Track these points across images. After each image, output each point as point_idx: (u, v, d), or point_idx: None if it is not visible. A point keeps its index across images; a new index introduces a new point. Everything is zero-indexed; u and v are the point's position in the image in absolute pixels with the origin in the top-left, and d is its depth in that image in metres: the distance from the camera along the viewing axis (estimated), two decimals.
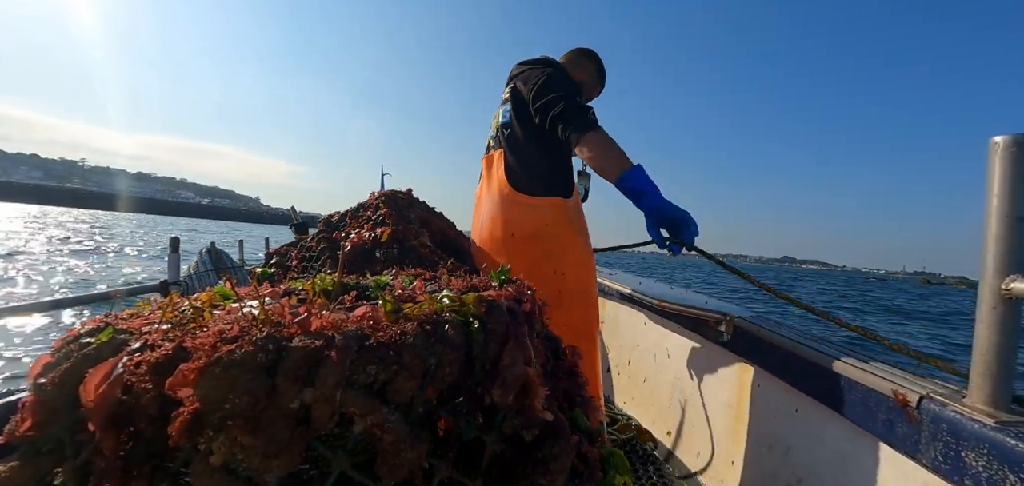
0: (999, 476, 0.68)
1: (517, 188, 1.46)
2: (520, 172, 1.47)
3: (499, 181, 1.50)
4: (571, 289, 1.43)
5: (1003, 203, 0.72)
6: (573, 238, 1.47)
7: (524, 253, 1.42)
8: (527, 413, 0.50)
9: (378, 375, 0.43)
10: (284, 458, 0.39)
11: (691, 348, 1.74)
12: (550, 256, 1.43)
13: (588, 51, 1.67)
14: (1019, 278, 0.70)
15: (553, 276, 1.41)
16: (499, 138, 1.54)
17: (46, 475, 0.43)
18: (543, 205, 1.45)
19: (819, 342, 1.19)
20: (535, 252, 1.42)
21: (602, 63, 1.69)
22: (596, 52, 1.67)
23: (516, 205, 1.45)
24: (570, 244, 1.46)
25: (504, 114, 1.53)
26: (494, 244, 1.48)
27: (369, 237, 1.17)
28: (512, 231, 1.45)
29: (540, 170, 1.46)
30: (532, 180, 1.46)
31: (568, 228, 1.47)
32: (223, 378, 0.38)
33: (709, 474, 1.51)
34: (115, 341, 0.47)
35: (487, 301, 0.53)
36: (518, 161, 1.48)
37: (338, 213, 1.38)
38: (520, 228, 1.45)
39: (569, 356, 0.68)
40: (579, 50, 1.68)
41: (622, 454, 0.63)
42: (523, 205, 1.45)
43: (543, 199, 1.45)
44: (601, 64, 1.69)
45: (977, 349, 0.76)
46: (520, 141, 1.47)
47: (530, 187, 1.45)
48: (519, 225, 1.45)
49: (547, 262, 1.42)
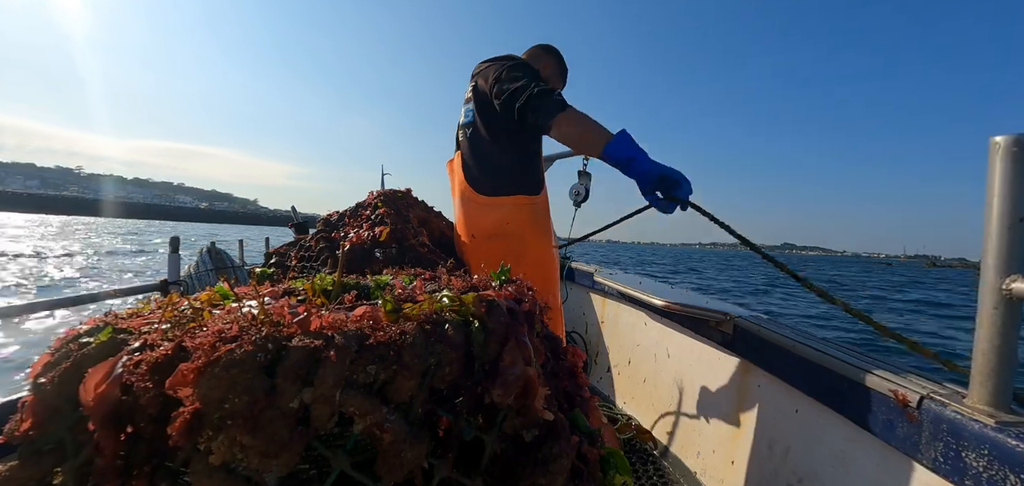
0: (999, 476, 0.68)
1: (476, 188, 1.45)
2: (479, 171, 1.46)
3: (459, 182, 1.49)
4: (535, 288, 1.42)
5: (1003, 204, 0.72)
6: (533, 237, 1.45)
7: (484, 253, 1.41)
8: (527, 413, 0.50)
9: (378, 375, 0.43)
10: (284, 458, 0.39)
11: (691, 348, 1.74)
12: (508, 255, 1.39)
13: (548, 46, 1.66)
14: (1019, 278, 0.70)
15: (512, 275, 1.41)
16: (457, 139, 1.55)
17: (46, 475, 0.43)
18: (502, 204, 1.44)
19: (819, 341, 1.19)
20: (494, 251, 1.40)
21: (563, 58, 1.67)
22: (556, 47, 1.66)
23: (475, 205, 1.45)
24: (530, 243, 1.45)
25: (467, 113, 1.51)
26: (461, 245, 1.50)
27: (368, 236, 1.17)
28: (472, 232, 1.45)
29: (502, 168, 1.45)
30: (492, 179, 1.44)
31: (528, 226, 1.45)
32: (223, 378, 0.38)
33: (709, 474, 1.51)
34: (115, 341, 0.47)
35: (487, 301, 0.53)
36: (477, 160, 1.47)
37: (337, 212, 1.38)
38: (479, 228, 1.45)
39: (569, 356, 0.68)
40: (540, 46, 1.66)
41: (622, 454, 0.63)
42: (481, 205, 1.45)
43: (502, 198, 1.44)
44: (562, 59, 1.67)
45: (977, 349, 0.76)
46: (483, 139, 1.45)
47: (489, 186, 1.44)
48: (478, 225, 1.45)
49: (506, 261, 1.40)
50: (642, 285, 2.23)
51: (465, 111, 1.52)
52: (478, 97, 1.46)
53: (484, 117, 1.46)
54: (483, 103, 1.45)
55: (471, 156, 1.48)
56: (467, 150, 1.49)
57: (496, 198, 1.44)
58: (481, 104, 1.46)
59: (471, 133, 1.48)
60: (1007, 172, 0.72)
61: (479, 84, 1.46)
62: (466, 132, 1.50)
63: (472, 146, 1.48)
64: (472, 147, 1.48)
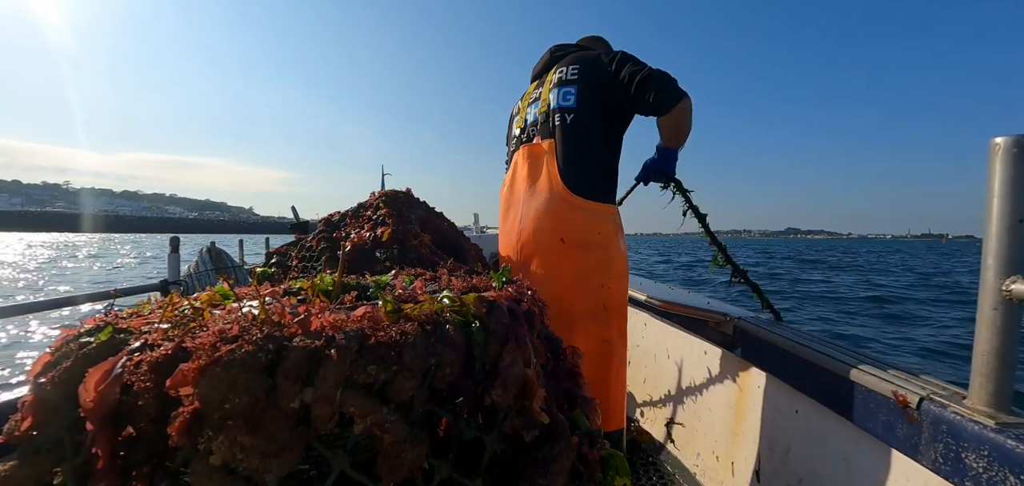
0: (999, 477, 0.68)
1: (573, 189, 1.33)
2: (578, 169, 1.35)
3: (551, 177, 1.36)
4: (615, 303, 1.36)
5: (1004, 204, 0.72)
6: (619, 250, 1.38)
7: (574, 260, 1.33)
8: (527, 413, 0.50)
9: (378, 375, 0.43)
10: (284, 458, 0.39)
11: (691, 348, 1.74)
12: (599, 267, 1.34)
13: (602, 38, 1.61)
14: (1020, 279, 0.70)
15: (600, 288, 1.33)
16: (548, 126, 1.40)
17: (45, 475, 0.43)
18: (600, 212, 1.35)
19: (819, 342, 1.19)
20: (587, 261, 1.33)
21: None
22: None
23: (571, 207, 1.33)
24: (617, 255, 1.37)
25: (564, 97, 1.38)
26: (536, 246, 1.37)
27: (369, 237, 1.17)
28: (562, 235, 1.33)
29: (603, 166, 1.37)
30: (590, 180, 1.35)
31: (616, 238, 1.38)
32: (223, 378, 0.38)
33: (709, 475, 1.51)
34: (115, 340, 0.47)
35: (487, 301, 0.53)
36: (578, 154, 1.35)
37: (338, 213, 1.37)
38: (572, 233, 1.33)
39: (569, 357, 0.68)
40: (594, 37, 1.60)
41: (622, 455, 0.63)
42: (579, 209, 1.33)
43: (600, 205, 1.35)
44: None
45: (978, 350, 0.76)
46: (586, 127, 1.35)
47: (587, 189, 1.34)
48: (571, 230, 1.33)
49: (596, 274, 1.34)
50: (642, 286, 2.23)
51: (560, 94, 1.39)
52: (584, 77, 1.36)
53: (599, 100, 1.36)
54: (599, 83, 1.36)
55: (573, 147, 1.35)
56: (566, 140, 1.36)
57: (594, 204, 1.35)
58: (595, 84, 1.36)
59: (572, 119, 1.36)
60: (1007, 173, 0.72)
61: (586, 63, 1.38)
62: (565, 118, 1.37)
63: (570, 135, 1.36)
64: (570, 136, 1.36)
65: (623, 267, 1.40)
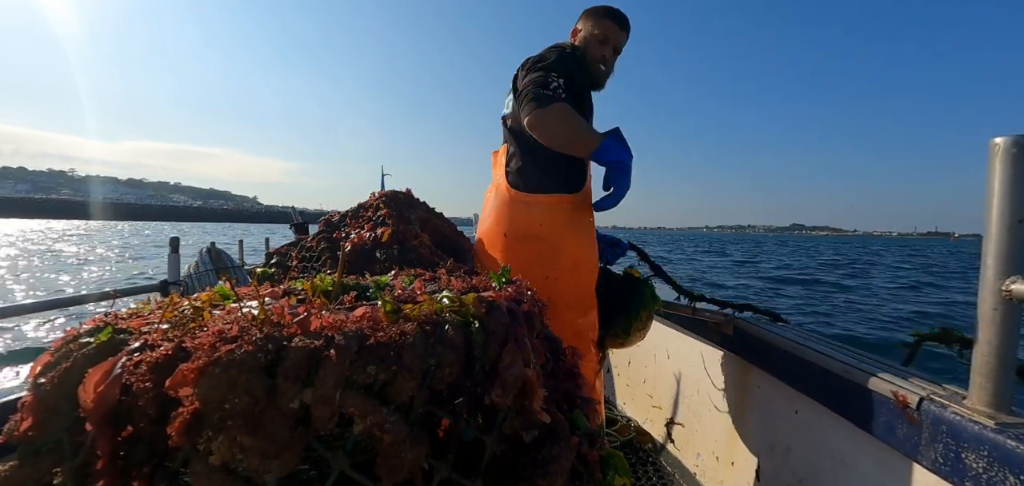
0: (999, 477, 0.68)
1: (513, 184, 1.40)
2: (519, 166, 1.41)
3: (498, 178, 1.45)
4: (564, 296, 1.34)
5: (1004, 204, 0.72)
6: (568, 239, 1.37)
7: (517, 253, 1.36)
8: (527, 414, 0.50)
9: (378, 375, 0.43)
10: (284, 458, 0.39)
11: (691, 348, 1.74)
12: (542, 259, 1.35)
13: (590, 8, 1.46)
14: (1019, 279, 0.70)
15: (544, 280, 1.32)
16: (504, 131, 1.48)
17: (45, 475, 0.43)
18: (538, 203, 1.38)
19: (819, 342, 1.19)
20: (527, 253, 1.36)
21: (604, 8, 1.44)
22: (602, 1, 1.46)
23: (510, 202, 1.40)
24: (564, 246, 1.37)
25: (507, 104, 1.44)
26: (491, 242, 1.44)
27: (369, 237, 1.17)
28: (504, 230, 1.40)
29: (541, 162, 1.37)
30: (531, 175, 1.39)
31: (563, 228, 1.37)
32: (223, 378, 0.38)
33: (709, 475, 1.51)
34: (114, 341, 0.47)
35: (487, 302, 0.53)
36: (519, 153, 1.41)
37: (338, 213, 1.37)
38: (512, 227, 1.39)
39: (569, 357, 0.68)
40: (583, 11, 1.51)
41: (622, 455, 0.63)
42: (517, 202, 1.39)
43: (539, 196, 1.38)
44: (600, 10, 1.43)
45: (977, 351, 0.76)
46: (519, 132, 1.37)
47: (527, 183, 1.39)
48: (512, 224, 1.39)
49: (539, 265, 1.34)
50: None
51: (506, 101, 1.46)
52: (515, 83, 1.39)
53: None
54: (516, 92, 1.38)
55: (513, 146, 1.42)
56: (509, 141, 1.44)
57: (532, 196, 1.38)
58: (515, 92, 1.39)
59: (511, 125, 1.43)
60: (1007, 173, 0.72)
61: (521, 69, 1.39)
62: (505, 124, 1.45)
63: (513, 138, 1.42)
64: (513, 139, 1.42)
65: (575, 260, 1.37)
